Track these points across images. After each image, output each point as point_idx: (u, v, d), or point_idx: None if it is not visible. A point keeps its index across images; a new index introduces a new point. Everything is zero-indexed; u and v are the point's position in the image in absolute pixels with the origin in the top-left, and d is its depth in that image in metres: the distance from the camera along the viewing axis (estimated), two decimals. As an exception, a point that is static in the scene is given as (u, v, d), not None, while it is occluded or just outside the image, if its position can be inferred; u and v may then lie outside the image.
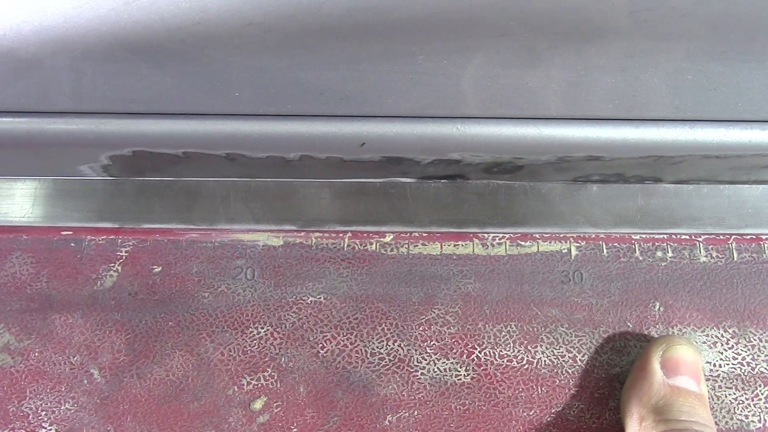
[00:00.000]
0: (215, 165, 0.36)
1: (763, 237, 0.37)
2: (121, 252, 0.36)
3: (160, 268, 0.36)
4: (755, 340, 0.35)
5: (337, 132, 0.34)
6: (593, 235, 0.37)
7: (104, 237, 0.36)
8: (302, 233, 0.36)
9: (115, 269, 0.36)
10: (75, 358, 0.34)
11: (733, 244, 0.37)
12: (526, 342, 0.35)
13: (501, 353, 0.35)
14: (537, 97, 0.33)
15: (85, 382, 0.34)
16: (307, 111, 0.33)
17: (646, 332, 0.35)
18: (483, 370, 0.35)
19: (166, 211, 0.37)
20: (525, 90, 0.33)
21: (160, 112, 0.34)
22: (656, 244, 0.37)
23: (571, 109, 0.34)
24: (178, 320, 0.35)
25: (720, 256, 0.36)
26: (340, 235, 0.36)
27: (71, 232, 0.36)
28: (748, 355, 0.35)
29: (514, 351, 0.35)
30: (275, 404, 0.34)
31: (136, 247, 0.36)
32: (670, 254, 0.36)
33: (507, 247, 0.36)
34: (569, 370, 0.35)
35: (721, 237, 0.37)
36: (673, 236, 0.37)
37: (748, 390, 0.34)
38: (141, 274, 0.36)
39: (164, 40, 0.30)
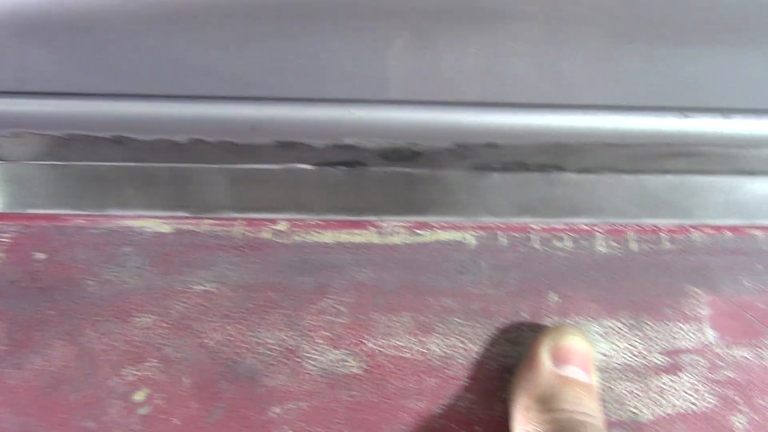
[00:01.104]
0: (103, 148, 0.35)
1: (662, 228, 0.36)
2: (3, 238, 0.35)
3: (44, 255, 0.34)
4: (650, 331, 0.35)
5: (226, 115, 0.33)
6: (491, 224, 0.36)
7: (-14, 222, 0.35)
8: (193, 220, 0.35)
9: (-4, 256, 0.34)
10: (-50, 348, 0.33)
11: (632, 235, 0.36)
12: (419, 332, 0.34)
13: (393, 344, 0.34)
14: (433, 81, 0.33)
15: (-40, 372, 0.33)
16: (194, 92, 0.32)
17: (540, 323, 0.35)
18: (374, 361, 0.34)
19: (52, 196, 0.36)
20: (421, 74, 0.32)
21: (41, 91, 0.32)
22: (555, 233, 0.36)
23: (467, 94, 0.33)
24: (61, 309, 0.34)
25: (618, 247, 0.36)
26: (233, 222, 0.35)
27: (-48, 217, 0.35)
28: (642, 347, 0.35)
29: (406, 341, 0.34)
30: (158, 396, 0.33)
31: (20, 233, 0.35)
32: (568, 244, 0.36)
33: (404, 235, 0.36)
34: (461, 362, 0.34)
35: (620, 227, 0.36)
36: (573, 226, 0.36)
37: (641, 381, 0.34)
38: (23, 261, 0.34)
39: (43, 16, 0.29)
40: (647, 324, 0.35)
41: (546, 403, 0.31)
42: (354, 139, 0.34)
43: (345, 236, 0.36)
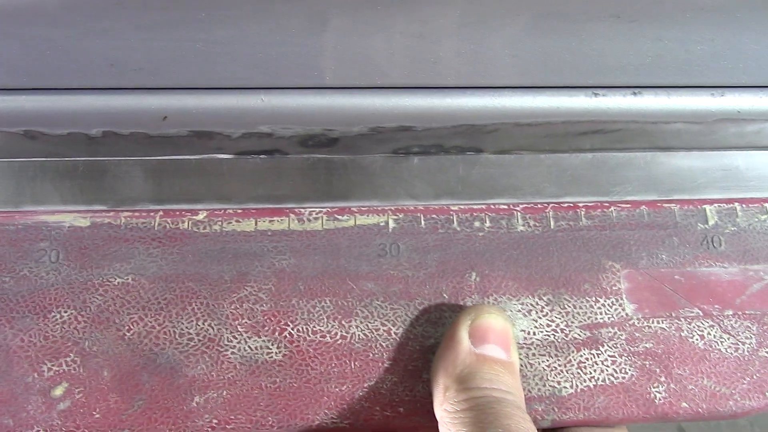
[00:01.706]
0: (15, 143, 0.35)
1: (580, 205, 0.37)
2: None
3: (-43, 254, 0.34)
4: (569, 306, 0.35)
5: (135, 105, 0.33)
6: (412, 207, 0.36)
7: None
8: (111, 213, 0.35)
9: None
10: None
11: (551, 213, 0.37)
12: (340, 317, 0.35)
13: (314, 329, 0.34)
14: (340, 65, 0.33)
15: None
16: (100, 84, 0.32)
17: (461, 303, 0.35)
18: (295, 346, 0.34)
19: (-35, 193, 0.36)
20: (329, 57, 0.32)
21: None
22: (474, 214, 0.36)
23: (374, 77, 0.33)
24: (-24, 307, 0.33)
25: (537, 225, 0.36)
26: (151, 214, 0.35)
27: None
28: (561, 322, 0.35)
29: (327, 326, 0.34)
30: (77, 390, 0.33)
31: (-68, 233, 0.34)
32: (487, 224, 0.36)
33: (324, 221, 0.36)
34: (383, 344, 0.34)
35: (539, 206, 0.37)
36: (492, 206, 0.37)
37: (561, 356, 0.35)
38: (-64, 260, 0.34)
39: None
40: (567, 299, 0.36)
41: (464, 383, 0.32)
42: (269, 126, 0.34)
43: (265, 224, 0.36)
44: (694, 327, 0.36)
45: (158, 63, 0.32)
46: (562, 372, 0.35)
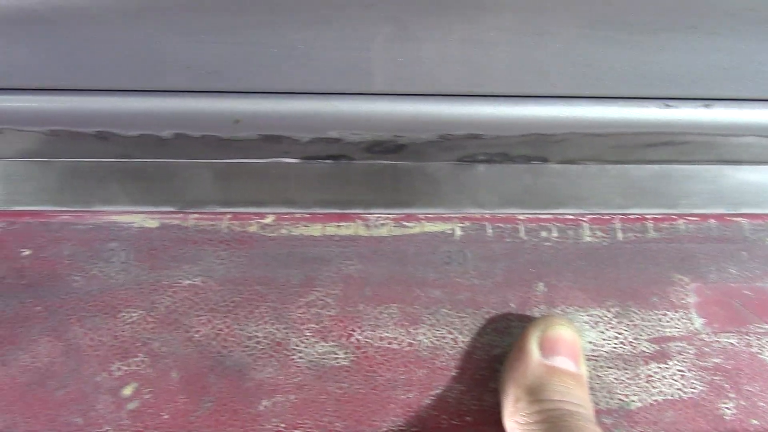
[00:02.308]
0: (87, 144, 0.35)
1: (648, 217, 0.36)
2: (-11, 235, 0.34)
3: (29, 252, 0.34)
4: (637, 319, 0.35)
5: (208, 109, 0.33)
6: (478, 216, 0.36)
7: (-29, 220, 0.35)
8: (180, 215, 0.35)
9: (-19, 253, 0.34)
10: (-65, 346, 0.33)
11: (618, 224, 0.36)
12: (407, 324, 0.34)
13: (381, 335, 0.34)
14: (413, 73, 0.33)
15: (-55, 370, 0.33)
16: (175, 86, 0.32)
17: (528, 313, 0.35)
18: (362, 352, 0.34)
19: (38, 192, 0.36)
20: (402, 65, 0.32)
21: (21, 87, 0.32)
22: (541, 224, 0.36)
23: (448, 85, 0.33)
24: (47, 305, 0.34)
25: (604, 236, 0.36)
26: (220, 216, 0.35)
27: (-63, 215, 0.35)
28: (629, 335, 0.35)
29: (394, 333, 0.34)
30: (146, 390, 0.33)
31: (5, 230, 0.35)
32: (554, 234, 0.36)
33: (390, 227, 0.36)
34: (450, 352, 0.34)
35: (606, 217, 0.37)
36: (559, 216, 0.36)
37: (629, 369, 0.34)
38: (8, 257, 0.34)
39: (25, 11, 0.29)
40: (634, 312, 0.35)
41: (535, 394, 0.31)
42: (338, 132, 0.34)
43: (332, 229, 0.36)
44: (764, 343, 0.35)
45: (233, 66, 0.32)
46: (631, 385, 0.34)
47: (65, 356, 0.33)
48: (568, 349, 0.33)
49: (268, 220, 0.35)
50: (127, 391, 0.33)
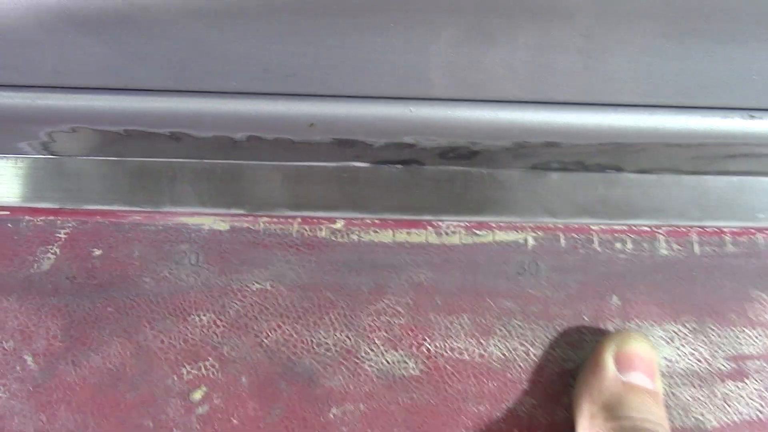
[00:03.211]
0: (160, 144, 0.35)
1: (725, 230, 0.35)
2: (60, 234, 0.34)
3: (100, 252, 0.34)
4: (714, 336, 0.34)
5: (284, 111, 0.32)
6: (551, 225, 0.35)
7: (43, 217, 0.35)
8: (250, 218, 0.35)
9: (53, 251, 0.34)
10: (8, 344, 0.33)
11: (695, 237, 0.35)
12: (478, 334, 0.34)
13: (452, 346, 0.34)
14: (493, 79, 0.32)
15: (18, 368, 0.33)
16: (252, 88, 0.32)
17: (602, 326, 0.34)
18: (433, 363, 0.33)
19: (108, 191, 0.36)
20: (480, 71, 0.32)
21: (100, 86, 0.32)
22: (616, 235, 0.35)
23: (528, 92, 0.32)
24: (118, 306, 0.34)
25: (681, 249, 0.35)
26: (290, 220, 0.35)
27: (8, 212, 0.35)
28: (706, 352, 0.34)
29: (465, 343, 0.34)
30: (215, 395, 0.33)
31: (76, 229, 0.34)
32: (629, 246, 0.35)
33: (462, 235, 0.35)
34: (522, 365, 0.34)
35: (683, 229, 0.36)
36: (634, 227, 0.36)
37: (705, 387, 0.33)
38: (80, 257, 0.34)
39: (104, 11, 0.29)
40: (711, 329, 0.34)
41: (611, 411, 0.31)
42: (413, 137, 0.34)
43: (403, 236, 0.35)
44: None
45: (311, 69, 0.32)
46: (706, 404, 0.33)
47: (136, 358, 0.33)
48: (644, 365, 0.32)
49: (338, 225, 0.35)
50: (197, 395, 0.33)
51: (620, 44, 0.31)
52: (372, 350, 0.34)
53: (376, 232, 0.35)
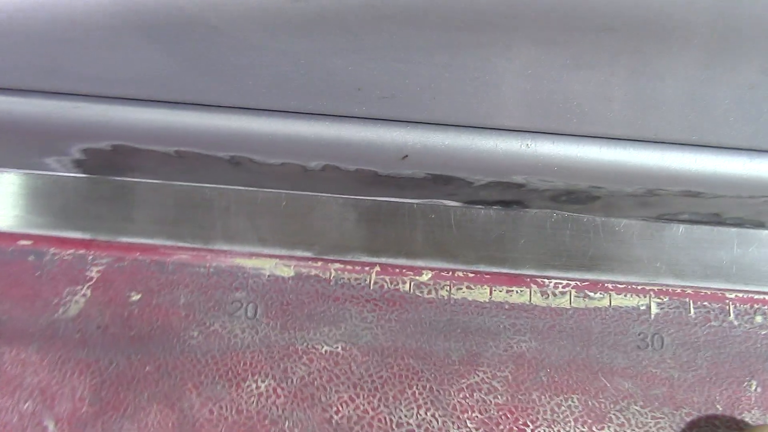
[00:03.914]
0: (216, 169, 0.29)
1: None
2: (92, 272, 0.28)
3: (139, 296, 0.28)
4: None
5: (375, 139, 0.26)
6: (678, 290, 0.29)
7: (72, 251, 0.29)
8: (319, 263, 0.29)
9: (82, 293, 0.28)
10: (26, 405, 0.27)
11: None
12: (590, 421, 0.28)
13: (558, 433, 0.28)
14: (631, 114, 0.26)
15: (35, 437, 0.27)
16: (340, 110, 0.26)
17: (739, 417, 0.28)
18: (535, 453, 0.28)
19: (150, 221, 0.30)
20: (617, 104, 0.26)
21: (151, 98, 0.26)
22: (755, 306, 0.29)
23: (673, 131, 0.26)
24: (158, 365, 0.28)
25: (834, 327, 0.29)
26: (366, 268, 0.29)
27: (31, 242, 0.29)
28: None
29: None
30: (274, 481, 0.27)
31: (111, 267, 0.28)
32: (772, 320, 0.29)
33: (572, 297, 0.29)
34: (642, 461, 0.28)
35: (837, 302, 0.29)
36: (777, 297, 0.29)
37: None
38: (115, 301, 0.28)
39: (164, 9, 0.23)
40: None
41: None
42: (525, 177, 0.28)
43: (501, 294, 0.29)
44: None
45: (412, 91, 0.26)
46: None
47: (179, 430, 0.27)
48: (796, 472, 0.26)
49: (425, 277, 0.29)
50: (252, 480, 0.27)
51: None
52: (463, 434, 0.28)
53: (470, 288, 0.29)
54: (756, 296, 0.30)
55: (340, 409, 0.28)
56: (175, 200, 0.30)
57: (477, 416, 0.28)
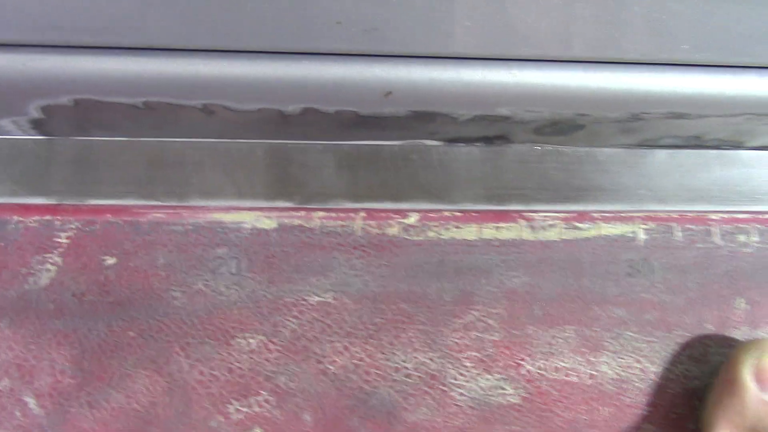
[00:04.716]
0: (187, 120, 0.27)
1: None
2: (61, 238, 0.27)
3: (114, 260, 0.27)
4: None
5: (356, 77, 0.25)
6: (664, 215, 0.29)
7: (37, 217, 0.27)
8: (302, 212, 0.28)
9: (52, 261, 0.27)
10: (2, 383, 0.26)
11: (831, 226, 0.30)
12: (586, 351, 0.28)
13: (556, 366, 0.28)
14: (615, 36, 0.26)
15: (18, 414, 0.25)
16: (319, 47, 0.25)
17: (729, 336, 0.29)
18: (535, 387, 0.27)
19: (120, 182, 0.28)
20: (601, 26, 0.25)
21: (115, 45, 0.24)
22: (739, 225, 0.30)
23: (657, 52, 0.26)
24: (141, 329, 0.26)
25: (815, 241, 0.30)
26: (351, 214, 0.28)
27: (-10, 211, 0.27)
28: None
29: (572, 363, 0.28)
30: (273, 437, 0.26)
31: (81, 232, 0.27)
32: (755, 238, 0.29)
33: (561, 229, 0.29)
34: (639, 386, 0.28)
35: (816, 217, 0.30)
36: (759, 216, 0.30)
37: None
38: (89, 267, 0.27)
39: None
40: None
41: (758, 437, 0.25)
42: (511, 108, 0.27)
43: (490, 231, 0.28)
44: None
45: (395, 23, 0.25)
46: None
47: (169, 395, 0.26)
48: (788, 381, 0.27)
49: (412, 219, 0.28)
50: (250, 438, 0.26)
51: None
52: (461, 375, 0.27)
53: (458, 227, 0.28)
54: (738, 215, 0.30)
55: (336, 359, 0.27)
56: (145, 157, 0.28)
57: (474, 355, 0.28)
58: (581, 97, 0.27)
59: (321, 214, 0.28)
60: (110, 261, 0.27)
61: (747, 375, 0.27)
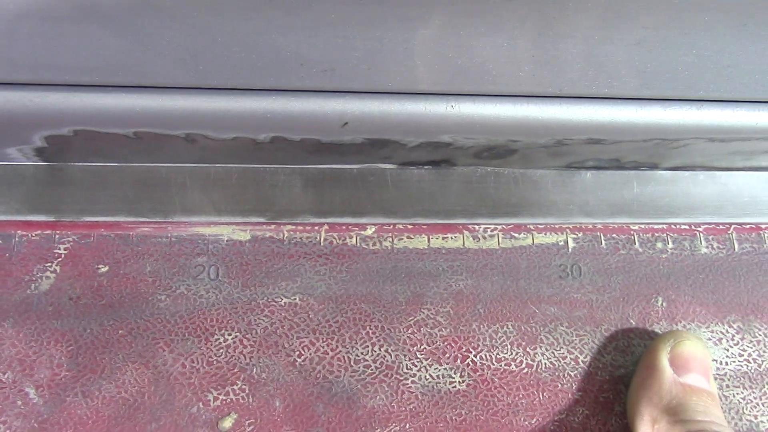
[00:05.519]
0: (172, 148, 0.31)
1: (763, 226, 0.35)
2: (59, 249, 0.31)
3: (106, 268, 0.31)
4: (760, 335, 0.33)
5: (318, 110, 0.30)
6: (590, 226, 0.34)
7: (38, 232, 0.31)
8: (272, 226, 0.32)
9: (52, 269, 0.30)
10: (6, 376, 0.29)
11: (734, 234, 0.34)
12: (524, 343, 0.32)
13: (498, 356, 0.32)
14: (539, 73, 0.30)
15: (19, 403, 0.29)
16: (285, 85, 0.29)
17: (649, 329, 0.33)
18: (479, 375, 0.31)
19: (111, 201, 0.32)
20: (526, 65, 0.30)
21: (109, 83, 0.29)
22: (656, 234, 0.34)
23: (575, 86, 0.31)
24: (130, 328, 0.30)
25: (721, 247, 0.34)
26: (316, 228, 0.32)
27: (-3, 227, 0.31)
28: (754, 352, 0.33)
29: (512, 353, 0.32)
30: (247, 422, 0.29)
31: (77, 244, 0.31)
32: (670, 245, 0.34)
33: (500, 239, 0.33)
34: (571, 373, 0.32)
35: (721, 227, 0.35)
36: (673, 226, 0.34)
37: (756, 388, 0.32)
38: (84, 274, 0.30)
39: None
40: (757, 327, 0.33)
41: (675, 414, 0.29)
42: (452, 135, 0.32)
43: (438, 241, 0.33)
44: None
45: (350, 63, 0.29)
46: (758, 405, 0.32)
47: (155, 385, 0.29)
48: (699, 365, 0.31)
49: (369, 231, 0.32)
50: (227, 423, 0.29)
51: (673, 35, 0.29)
52: (414, 365, 0.31)
53: (410, 237, 0.32)
54: (655, 226, 0.34)
55: (303, 352, 0.31)
56: (134, 180, 0.32)
57: (425, 348, 0.31)
58: (511, 126, 0.31)
59: (289, 227, 0.32)
60: (103, 269, 0.31)
61: (664, 360, 0.31)
